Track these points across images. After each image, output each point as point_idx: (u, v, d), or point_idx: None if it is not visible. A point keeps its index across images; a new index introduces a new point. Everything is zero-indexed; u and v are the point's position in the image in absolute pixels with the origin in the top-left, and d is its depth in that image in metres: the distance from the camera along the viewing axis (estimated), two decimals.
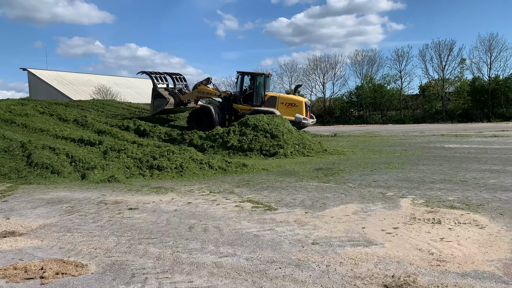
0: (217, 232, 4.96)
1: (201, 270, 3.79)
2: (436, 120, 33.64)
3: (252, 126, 13.76)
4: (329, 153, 12.93)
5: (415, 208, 5.73)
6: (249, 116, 14.86)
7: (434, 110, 35.65)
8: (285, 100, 17.32)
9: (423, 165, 9.70)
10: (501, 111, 31.00)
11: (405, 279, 3.42)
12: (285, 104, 17.15)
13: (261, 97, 17.53)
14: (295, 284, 3.42)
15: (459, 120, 32.40)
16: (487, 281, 3.33)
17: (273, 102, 17.25)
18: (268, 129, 13.56)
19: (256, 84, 17.59)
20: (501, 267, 3.59)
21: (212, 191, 7.48)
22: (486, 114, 31.23)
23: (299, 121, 16.74)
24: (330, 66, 44.45)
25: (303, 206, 6.09)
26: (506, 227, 4.70)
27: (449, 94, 35.79)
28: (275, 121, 14.15)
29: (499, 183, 7.20)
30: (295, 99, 17.54)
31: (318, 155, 12.55)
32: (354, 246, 4.27)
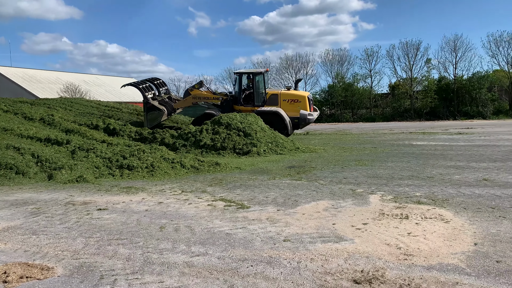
0: (189, 231, 4.92)
1: (172, 270, 3.75)
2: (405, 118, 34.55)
3: (225, 125, 13.72)
4: (301, 151, 13.05)
5: (384, 204, 5.87)
6: (222, 115, 14.80)
7: (402, 108, 36.58)
8: (287, 97, 16.58)
9: (392, 162, 9.95)
10: (465, 109, 32.16)
11: (373, 273, 3.50)
12: (287, 101, 16.46)
13: (262, 96, 16.93)
14: (266, 281, 3.43)
15: (427, 118, 33.40)
16: (451, 273, 3.44)
17: (275, 100, 16.56)
18: (241, 127, 13.55)
19: (255, 83, 17.03)
20: (464, 260, 3.73)
21: (184, 190, 7.40)
22: (452, 112, 32.33)
23: (304, 117, 16.16)
24: (302, 65, 44.90)
25: (275, 204, 6.13)
26: (469, 221, 4.88)
27: (417, 93, 36.84)
28: (248, 120, 14.15)
29: (463, 179, 7.47)
30: (297, 94, 16.82)
31: (290, 153, 12.64)
32: (324, 242, 4.33)
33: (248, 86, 17.34)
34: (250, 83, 17.32)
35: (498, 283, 3.23)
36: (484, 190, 6.45)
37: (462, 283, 3.26)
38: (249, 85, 17.30)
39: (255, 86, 17.02)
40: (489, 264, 3.59)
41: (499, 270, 3.46)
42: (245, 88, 17.45)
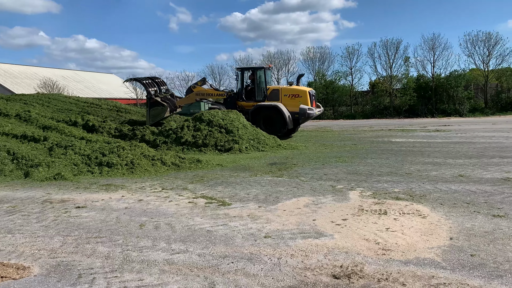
0: (169, 229, 4.89)
1: (152, 268, 3.72)
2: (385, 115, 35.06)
3: (207, 122, 13.66)
4: (283, 148, 13.10)
5: (363, 200, 5.95)
6: (204, 111, 14.74)
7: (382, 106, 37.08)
8: (288, 92, 16.59)
9: (371, 159, 10.09)
10: (443, 107, 32.83)
11: (352, 268, 3.55)
12: (288, 96, 16.45)
13: (263, 91, 16.97)
14: (247, 277, 3.45)
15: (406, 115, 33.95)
16: (427, 267, 3.53)
17: (276, 95, 16.60)
18: (223, 124, 13.52)
19: (257, 78, 17.07)
20: (440, 254, 3.82)
21: (164, 187, 7.35)
22: (430, 109, 32.96)
23: (303, 112, 16.11)
24: (283, 62, 44.98)
25: (257, 201, 6.14)
26: (446, 216, 5.00)
27: (396, 90, 37.39)
28: (230, 117, 14.12)
29: (440, 175, 7.64)
30: (298, 89, 16.81)
31: (272, 150, 12.68)
32: (305, 238, 4.37)
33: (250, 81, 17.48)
34: (251, 79, 17.42)
35: (472, 276, 3.32)
36: (460, 186, 6.61)
37: (437, 276, 3.34)
38: (251, 81, 17.46)
39: (256, 82, 17.06)
40: (464, 258, 3.69)
41: (473, 264, 3.56)
42: (248, 84, 17.59)
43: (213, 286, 3.32)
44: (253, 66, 18.38)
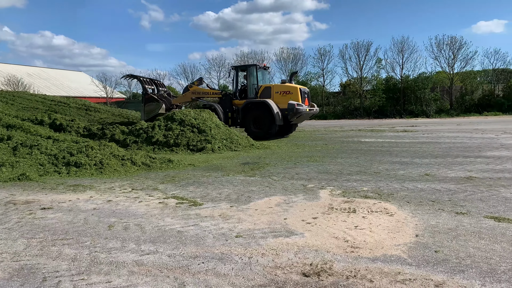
0: (139, 230, 4.81)
1: (120, 270, 3.65)
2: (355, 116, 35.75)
3: (179, 121, 13.53)
4: (256, 147, 13.15)
5: (333, 199, 6.05)
6: (175, 111, 14.61)
7: (353, 106, 37.82)
8: (279, 89, 16.84)
9: (342, 158, 10.28)
10: (411, 108, 33.82)
11: (322, 266, 3.61)
12: (280, 93, 16.67)
13: (254, 89, 17.13)
14: (217, 277, 3.44)
15: (375, 116, 34.75)
16: (394, 264, 3.62)
17: (268, 92, 16.80)
18: (195, 123, 13.43)
19: (249, 76, 17.34)
20: (406, 251, 3.93)
21: (134, 188, 7.22)
22: (398, 110, 33.87)
23: (291, 107, 16.09)
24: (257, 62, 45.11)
25: (229, 200, 6.13)
26: (412, 214, 5.15)
27: (366, 92, 38.23)
28: (203, 116, 14.05)
29: (407, 174, 7.86)
30: (289, 86, 16.99)
31: (245, 149, 12.70)
32: (276, 237, 4.40)
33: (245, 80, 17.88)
34: (245, 78, 17.74)
35: (436, 272, 3.44)
36: (426, 185, 6.83)
37: (403, 272, 3.44)
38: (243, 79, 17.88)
39: (248, 79, 17.30)
40: (428, 254, 3.82)
41: (437, 260, 3.69)
42: (243, 83, 18.00)
43: (183, 286, 3.30)
44: (246, 64, 18.70)
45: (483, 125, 20.35)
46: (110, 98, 44.56)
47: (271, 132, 16.47)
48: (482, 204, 5.51)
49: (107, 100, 43.07)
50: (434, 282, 3.24)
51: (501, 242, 4.06)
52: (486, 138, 14.25)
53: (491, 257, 3.69)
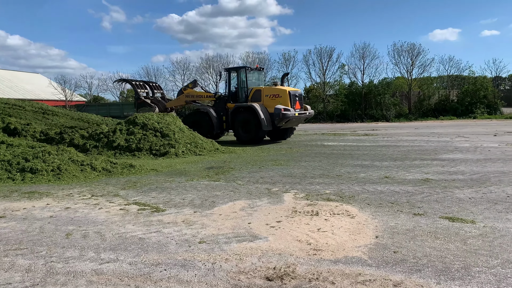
0: (99, 237, 4.66)
1: (78, 280, 3.52)
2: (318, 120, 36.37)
3: (141, 125, 13.25)
4: (221, 152, 13.08)
5: (297, 202, 6.12)
6: (138, 114, 14.27)
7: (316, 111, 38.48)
8: (269, 92, 16.01)
9: (305, 162, 10.42)
10: (371, 112, 34.81)
11: (285, 270, 3.63)
12: (269, 96, 15.86)
13: (244, 92, 16.51)
14: (180, 284, 3.38)
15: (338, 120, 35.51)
16: (355, 266, 3.71)
17: (259, 95, 16.06)
18: (158, 127, 13.19)
19: (239, 78, 16.71)
20: (366, 252, 4.03)
21: (94, 194, 7.00)
22: (360, 115, 34.77)
23: (277, 112, 15.23)
24: (222, 66, 45.04)
25: (192, 206, 6.06)
26: (372, 216, 5.29)
27: (329, 96, 39.02)
28: (166, 120, 13.83)
29: (368, 177, 8.08)
30: (278, 89, 16.07)
31: (210, 154, 12.61)
32: (239, 242, 4.39)
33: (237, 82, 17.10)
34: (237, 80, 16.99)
35: (394, 272, 3.54)
36: (385, 187, 7.04)
37: (364, 273, 3.52)
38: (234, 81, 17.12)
39: (239, 82, 16.69)
40: (388, 255, 3.93)
41: (395, 260, 3.81)
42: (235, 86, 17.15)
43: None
44: (237, 66, 18.08)
45: (439, 129, 21.28)
46: (70, 101, 43.01)
47: (258, 137, 15.86)
48: (437, 205, 5.75)
49: (66, 103, 41.55)
50: (392, 282, 3.34)
51: (455, 241, 4.25)
52: (442, 141, 14.90)
53: (446, 256, 3.85)
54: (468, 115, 32.20)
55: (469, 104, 32.93)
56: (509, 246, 4.05)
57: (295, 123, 17.01)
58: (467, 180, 7.43)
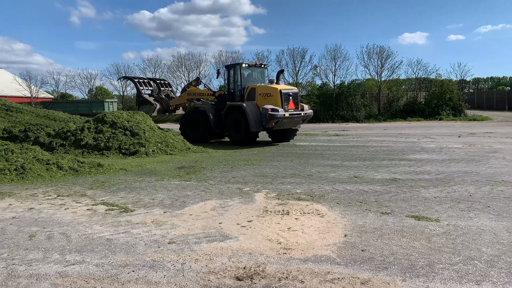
0: (64, 239, 4.52)
1: (41, 283, 3.40)
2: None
3: (110, 123, 12.96)
4: (192, 151, 12.97)
5: (268, 201, 6.14)
6: (107, 112, 13.95)
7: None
8: (262, 91, 14.89)
9: (277, 161, 10.48)
10: (342, 113, 35.39)
11: (255, 269, 3.64)
12: (262, 95, 14.77)
13: (238, 90, 15.50)
14: (148, 286, 3.33)
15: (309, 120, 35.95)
16: (323, 264, 3.75)
17: (253, 94, 15.01)
18: (127, 126, 12.94)
19: (234, 76, 15.80)
20: (335, 250, 4.10)
21: (60, 194, 6.78)
22: (331, 116, 35.29)
23: (265, 112, 14.09)
24: (195, 64, 44.67)
25: (162, 206, 5.98)
26: (341, 215, 5.38)
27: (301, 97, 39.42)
28: (136, 118, 13.58)
29: (337, 176, 8.21)
30: (270, 88, 14.88)
31: (181, 153, 12.47)
32: (210, 242, 4.36)
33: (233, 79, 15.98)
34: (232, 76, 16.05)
35: (362, 270, 3.61)
36: (355, 186, 7.17)
37: (332, 272, 3.57)
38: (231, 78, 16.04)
39: (234, 80, 15.82)
40: (356, 253, 4.00)
41: (363, 258, 3.88)
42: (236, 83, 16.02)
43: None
44: (235, 63, 16.51)
45: (407, 130, 21.87)
46: (35, 98, 41.55)
47: (248, 138, 14.82)
48: (404, 204, 5.91)
49: (31, 100, 40.11)
50: (360, 280, 3.40)
51: (420, 239, 4.38)
52: (409, 142, 15.32)
53: (411, 253, 3.96)
54: (434, 116, 33.23)
55: (435, 106, 33.98)
56: (471, 244, 4.21)
57: (289, 124, 15.40)
58: (432, 180, 7.68)
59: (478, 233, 4.53)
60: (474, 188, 6.90)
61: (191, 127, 16.42)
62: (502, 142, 14.22)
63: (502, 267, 3.60)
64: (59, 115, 20.58)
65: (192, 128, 16.35)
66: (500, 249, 4.04)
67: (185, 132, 16.48)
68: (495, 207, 5.65)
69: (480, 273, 3.49)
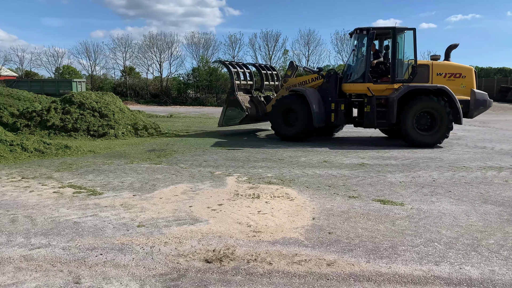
0: (29, 222, 4.41)
1: (5, 266, 3.33)
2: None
3: (78, 104, 12.59)
4: (163, 134, 12.80)
5: (239, 185, 6.18)
6: (74, 93, 13.53)
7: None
8: (444, 70, 10.90)
9: (249, 146, 10.51)
10: None
11: (224, 252, 3.68)
12: (444, 75, 10.86)
13: (404, 66, 11.05)
14: (116, 269, 3.31)
15: None
16: (291, 246, 3.84)
17: (423, 73, 10.90)
18: (96, 107, 12.61)
19: (396, 46, 10.88)
20: (303, 233, 4.19)
21: (25, 176, 6.58)
22: None
23: (483, 99, 10.75)
24: (166, 45, 43.71)
25: (132, 189, 5.91)
26: (310, 198, 5.49)
27: None
28: (105, 99, 13.25)
29: (308, 161, 8.34)
30: (461, 67, 11.10)
31: (152, 136, 12.30)
32: (180, 225, 4.37)
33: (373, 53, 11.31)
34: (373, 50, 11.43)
35: (328, 252, 3.72)
36: (324, 171, 7.31)
37: (300, 254, 3.66)
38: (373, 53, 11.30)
39: (394, 51, 10.94)
40: (323, 236, 4.11)
41: (330, 240, 3.99)
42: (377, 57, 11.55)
43: (78, 280, 3.12)
44: (388, 26, 11.59)
45: None
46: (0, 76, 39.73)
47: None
48: (371, 188, 6.09)
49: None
50: (326, 262, 3.51)
51: (385, 222, 4.54)
52: None
53: (376, 236, 4.11)
54: None
55: None
56: (432, 227, 4.40)
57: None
58: (398, 165, 7.92)
59: (439, 217, 4.74)
60: (437, 173, 7.17)
61: (285, 120, 11.81)
62: (465, 129, 14.78)
63: (460, 248, 3.80)
64: (24, 95, 19.75)
65: (287, 121, 11.80)
66: (458, 232, 4.24)
67: (278, 127, 11.85)
68: (456, 192, 5.91)
69: (439, 254, 3.67)
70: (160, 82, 43.09)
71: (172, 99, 40.55)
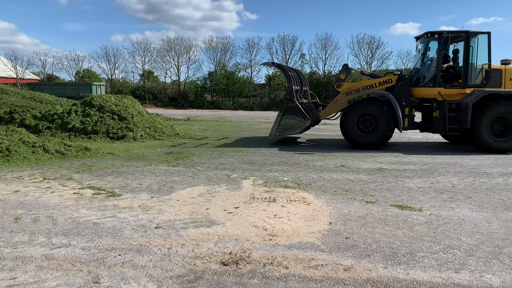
0: (50, 222, 4.51)
1: (27, 265, 3.41)
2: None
3: (98, 107, 12.83)
4: (180, 136, 12.94)
5: (255, 188, 6.19)
6: (94, 96, 13.79)
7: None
8: None
9: (265, 149, 10.52)
10: None
11: (241, 254, 3.69)
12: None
13: (476, 71, 10.67)
14: (134, 269, 3.36)
15: None
16: (308, 251, 3.83)
17: (495, 78, 10.55)
18: (116, 110, 12.82)
19: (470, 50, 10.56)
20: (320, 238, 4.17)
21: (46, 177, 6.74)
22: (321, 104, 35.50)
23: None
24: (184, 49, 44.16)
25: (150, 191, 5.99)
26: (327, 203, 5.46)
27: None
28: (124, 102, 13.46)
29: (325, 165, 8.29)
30: None
31: (169, 138, 12.45)
32: (196, 227, 4.40)
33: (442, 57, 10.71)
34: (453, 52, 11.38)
35: (345, 257, 3.70)
36: (341, 175, 7.26)
37: (316, 258, 3.65)
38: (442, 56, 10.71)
39: (467, 55, 10.59)
40: (340, 241, 4.09)
41: (347, 245, 3.96)
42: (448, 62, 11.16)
43: (98, 280, 3.17)
44: (461, 30, 11.04)
45: None
46: (21, 79, 40.78)
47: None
48: (389, 193, 6.01)
49: (17, 81, 39.36)
50: (343, 267, 3.48)
51: (403, 228, 4.48)
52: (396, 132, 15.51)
53: (394, 242, 4.06)
54: None
55: None
56: (451, 233, 4.33)
57: None
58: (417, 170, 7.81)
59: (459, 223, 4.65)
60: (457, 179, 7.04)
61: (360, 126, 11.03)
62: None
63: (480, 256, 3.72)
64: (46, 97, 20.25)
65: (363, 128, 11.03)
66: (479, 239, 4.16)
67: (353, 135, 11.03)
68: (477, 198, 5.79)
69: (459, 261, 3.60)
70: (178, 86, 43.52)
71: (189, 103, 40.94)
